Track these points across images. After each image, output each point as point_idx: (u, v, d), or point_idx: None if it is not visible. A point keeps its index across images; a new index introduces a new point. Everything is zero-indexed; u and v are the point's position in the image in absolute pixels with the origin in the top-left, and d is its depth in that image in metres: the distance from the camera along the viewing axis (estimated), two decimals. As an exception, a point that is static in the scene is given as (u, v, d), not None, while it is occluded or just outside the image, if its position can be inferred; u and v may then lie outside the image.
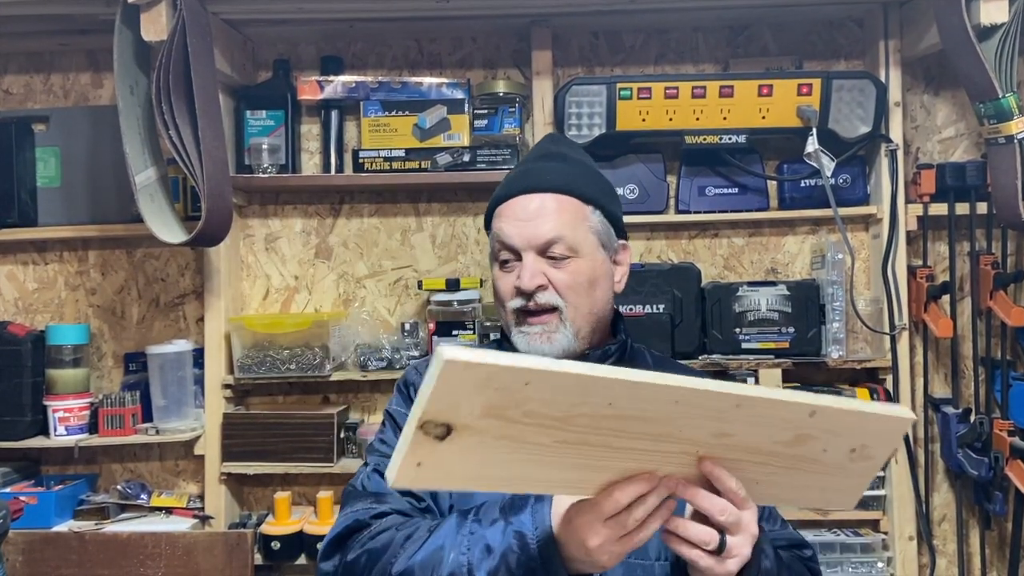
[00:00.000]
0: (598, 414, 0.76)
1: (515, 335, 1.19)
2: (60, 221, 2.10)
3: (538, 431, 0.76)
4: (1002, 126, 1.72)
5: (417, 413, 0.71)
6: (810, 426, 0.85)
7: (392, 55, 2.19)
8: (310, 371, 2.00)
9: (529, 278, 1.16)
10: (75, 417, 2.01)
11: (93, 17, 1.91)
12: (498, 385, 0.72)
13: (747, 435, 0.84)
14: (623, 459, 0.83)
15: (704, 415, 0.81)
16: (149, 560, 1.91)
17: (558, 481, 0.84)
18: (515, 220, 1.19)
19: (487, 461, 0.77)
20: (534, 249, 1.18)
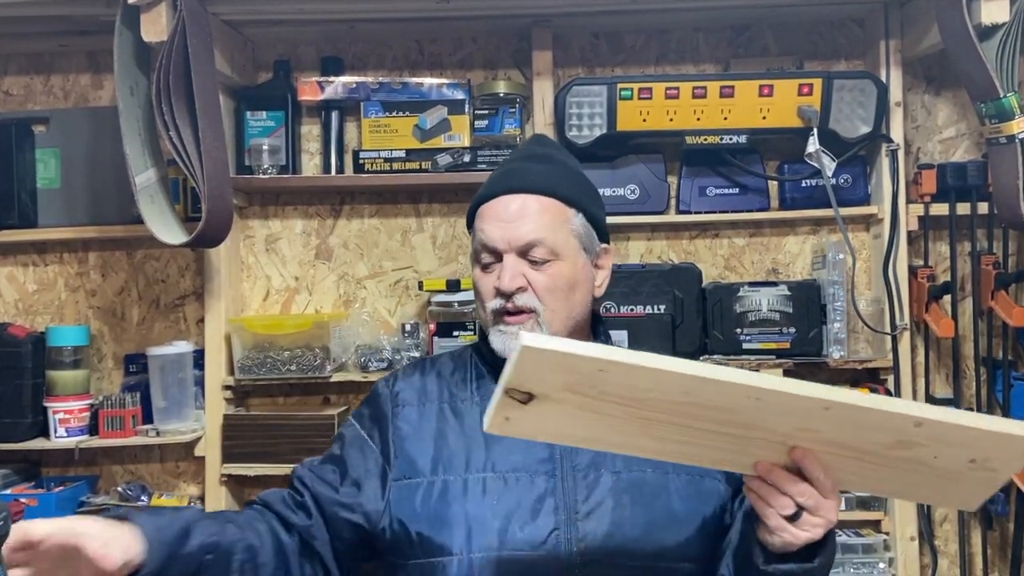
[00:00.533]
0: (674, 400, 0.82)
1: (492, 334, 1.20)
2: (60, 222, 2.10)
3: (615, 407, 0.83)
4: (1003, 126, 1.71)
5: (502, 381, 0.82)
6: (915, 434, 0.85)
7: (392, 56, 2.19)
8: (311, 372, 1.99)
9: (509, 280, 1.17)
10: (75, 419, 2.01)
11: (93, 18, 1.91)
12: (573, 368, 0.80)
13: (837, 433, 0.86)
14: (709, 440, 0.87)
15: (788, 412, 0.83)
16: (150, 562, 1.90)
17: (634, 446, 0.91)
18: (496, 221, 1.19)
19: (568, 423, 0.86)
20: (515, 251, 1.18)
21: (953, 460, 0.88)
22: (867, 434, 0.86)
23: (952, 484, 0.92)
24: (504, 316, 1.19)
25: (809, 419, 0.83)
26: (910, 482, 0.93)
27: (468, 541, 1.11)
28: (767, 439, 0.87)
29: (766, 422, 0.84)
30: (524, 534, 1.11)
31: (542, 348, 0.78)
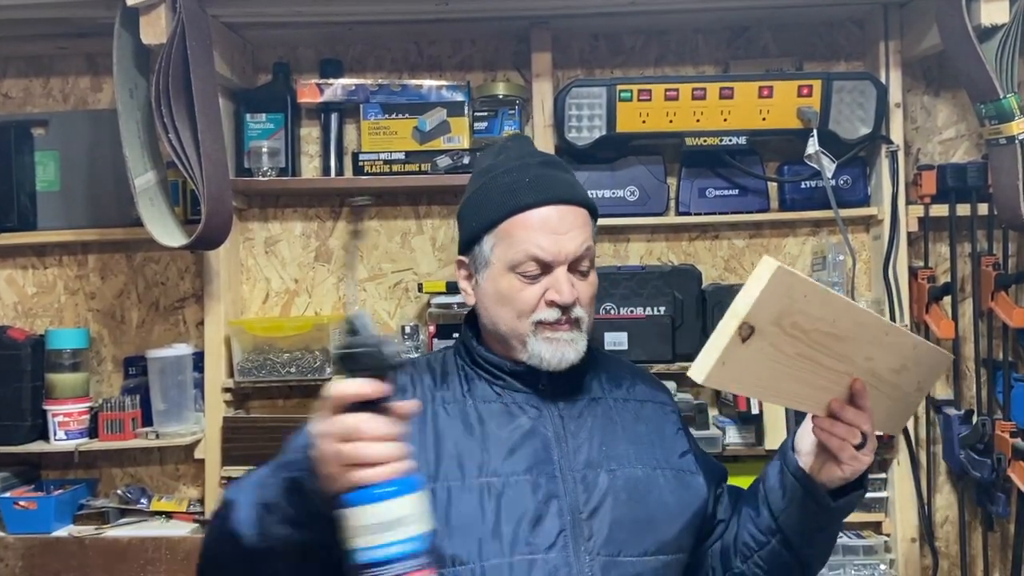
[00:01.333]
0: (824, 331, 1.00)
1: (535, 343, 1.18)
2: (59, 225, 2.09)
3: (791, 342, 0.97)
4: (1003, 127, 1.71)
5: (740, 314, 0.91)
6: (909, 358, 1.14)
7: (392, 58, 2.19)
8: (310, 374, 1.99)
9: (570, 293, 1.16)
10: (75, 421, 2.01)
11: (92, 20, 1.91)
12: (790, 293, 0.94)
13: (880, 359, 1.10)
14: (818, 375, 1.04)
15: (867, 339, 1.06)
16: (149, 565, 1.90)
17: (789, 394, 1.05)
18: (549, 232, 1.17)
19: (758, 366, 0.96)
20: (566, 263, 1.17)
21: (911, 383, 1.18)
22: (893, 359, 1.12)
23: (898, 407, 1.19)
24: (550, 326, 1.18)
25: (874, 344, 1.07)
26: (886, 409, 1.16)
27: (479, 550, 1.10)
28: (846, 372, 1.07)
29: (854, 352, 1.05)
30: (534, 538, 1.10)
31: (789, 269, 0.93)
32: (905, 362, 1.14)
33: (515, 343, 1.20)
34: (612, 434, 1.22)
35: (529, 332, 1.18)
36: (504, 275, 1.19)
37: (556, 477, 1.15)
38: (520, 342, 1.19)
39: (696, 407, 2.00)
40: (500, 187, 1.21)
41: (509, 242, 1.18)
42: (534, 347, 1.18)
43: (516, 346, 1.20)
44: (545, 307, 1.17)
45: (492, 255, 1.20)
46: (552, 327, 1.18)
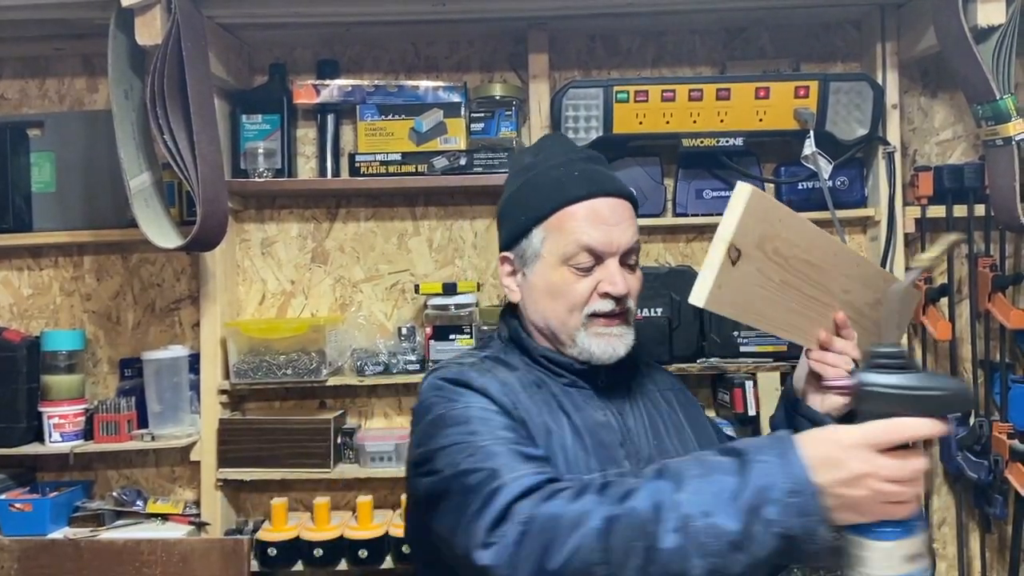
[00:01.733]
0: (801, 258, 1.10)
1: (585, 338, 1.18)
2: (55, 226, 2.09)
3: (775, 268, 1.08)
4: (1000, 128, 1.71)
5: (727, 238, 1.01)
6: (882, 292, 1.24)
7: (388, 59, 2.18)
8: (306, 376, 1.99)
9: (624, 283, 1.17)
10: (70, 423, 2.00)
11: (88, 21, 1.90)
12: (766, 217, 1.04)
13: (857, 293, 1.20)
14: (804, 305, 1.14)
15: (842, 270, 1.17)
16: (145, 567, 1.90)
17: (782, 323, 1.14)
18: (602, 224, 1.18)
19: (749, 291, 1.06)
20: (618, 254, 1.18)
21: (891, 320, 1.25)
22: (867, 293, 1.22)
23: (872, 339, 1.24)
24: (600, 319, 1.18)
25: (849, 278, 1.19)
26: (866, 343, 1.19)
27: None
28: (828, 304, 1.17)
29: (831, 282, 1.16)
30: None
31: (761, 192, 1.02)
32: (878, 296, 1.24)
33: (564, 338, 1.20)
34: (658, 429, 1.24)
35: (580, 326, 1.18)
36: (556, 268, 1.19)
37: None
38: (569, 337, 1.19)
39: (693, 409, 2.00)
40: (548, 181, 1.22)
41: (561, 234, 1.18)
42: (583, 342, 1.18)
43: (565, 341, 1.20)
44: (598, 299, 1.18)
45: (543, 248, 1.20)
46: (605, 321, 1.18)
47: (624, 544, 0.88)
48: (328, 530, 1.98)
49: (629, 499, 0.90)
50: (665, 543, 0.86)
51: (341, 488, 2.15)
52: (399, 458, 2.00)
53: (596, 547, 0.88)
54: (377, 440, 2.02)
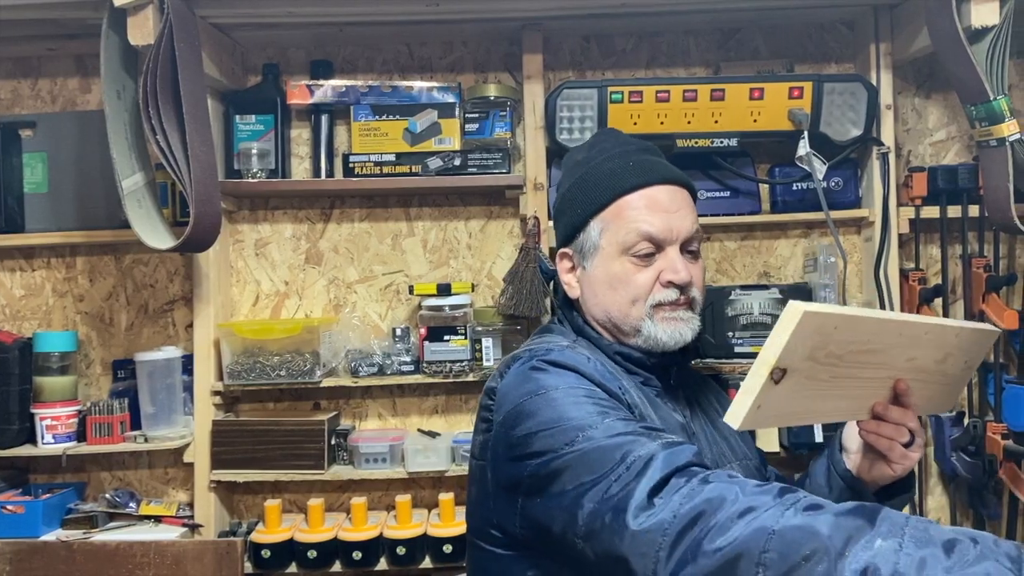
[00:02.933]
0: (861, 350, 0.98)
1: (651, 325, 1.16)
2: (47, 227, 2.08)
3: (826, 369, 0.95)
4: (993, 128, 1.71)
5: (770, 362, 0.88)
6: (952, 346, 1.13)
7: (382, 59, 2.18)
8: (300, 377, 1.98)
9: (687, 271, 1.16)
10: (63, 425, 1.99)
11: (81, 21, 1.89)
12: (820, 330, 0.91)
13: (923, 356, 1.09)
14: (859, 387, 1.04)
15: (907, 343, 1.05)
16: (138, 569, 1.88)
17: (832, 411, 1.05)
18: (661, 211, 1.17)
19: (795, 400, 0.95)
20: (679, 241, 1.17)
21: (957, 365, 1.17)
22: (934, 352, 1.10)
23: (948, 388, 1.19)
24: (666, 306, 1.17)
25: (915, 347, 1.06)
26: (935, 394, 1.17)
27: None
28: (888, 376, 1.07)
29: (894, 358, 1.05)
30: None
31: (817, 312, 0.89)
32: (949, 350, 1.13)
33: (627, 329, 1.19)
34: (714, 427, 1.24)
35: (644, 316, 1.17)
36: (616, 259, 1.18)
37: None
38: (633, 328, 1.18)
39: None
40: (603, 173, 1.21)
41: (619, 223, 1.18)
42: (649, 330, 1.17)
43: (628, 332, 1.19)
44: (662, 288, 1.17)
45: (602, 239, 1.19)
46: (671, 306, 1.17)
47: (797, 557, 0.77)
48: (322, 532, 1.97)
49: (817, 517, 0.80)
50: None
51: (335, 490, 2.15)
52: (393, 459, 2.00)
53: (762, 547, 0.78)
54: (371, 441, 2.01)
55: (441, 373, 1.98)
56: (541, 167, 2.02)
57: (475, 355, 2.00)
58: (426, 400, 2.16)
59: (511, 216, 2.15)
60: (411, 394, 2.16)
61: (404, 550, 1.94)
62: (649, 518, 0.86)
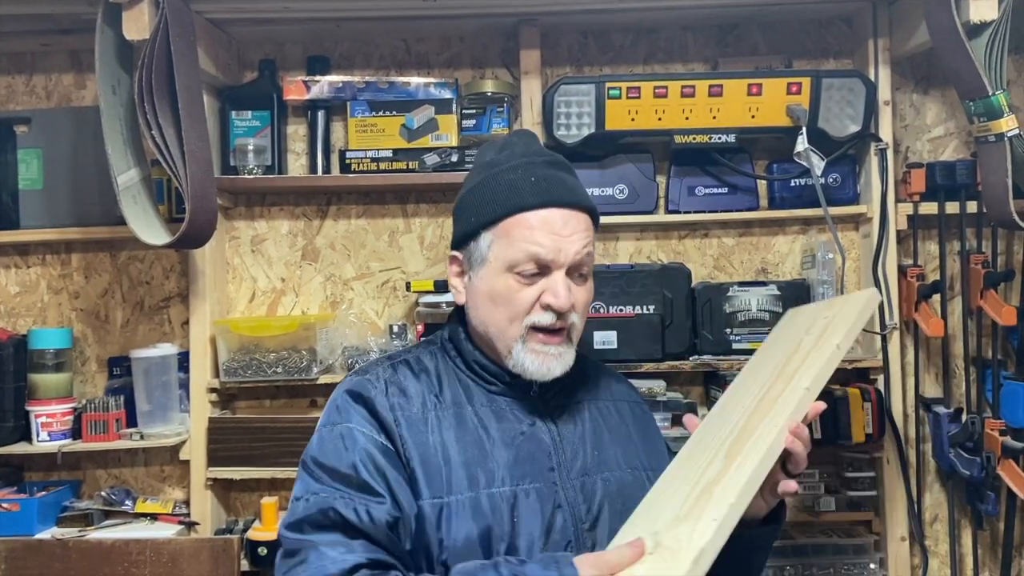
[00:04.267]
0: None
1: (521, 352, 1.15)
2: (42, 224, 2.07)
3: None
4: (992, 124, 1.71)
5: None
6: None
7: (379, 55, 2.17)
8: (297, 374, 1.97)
9: (567, 297, 1.13)
10: (58, 422, 1.98)
11: (75, 16, 1.89)
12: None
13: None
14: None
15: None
16: (134, 567, 1.88)
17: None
18: (551, 233, 1.14)
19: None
20: (566, 265, 1.15)
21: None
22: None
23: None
24: (539, 334, 1.15)
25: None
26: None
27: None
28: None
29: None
30: (547, 550, 1.08)
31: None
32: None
33: (501, 347, 1.17)
34: (601, 439, 1.20)
35: (518, 338, 1.15)
36: (501, 274, 1.16)
37: (557, 485, 1.13)
38: (507, 348, 1.16)
39: (686, 405, 1.99)
40: (503, 184, 1.18)
41: (509, 240, 1.15)
42: (519, 356, 1.15)
43: (502, 351, 1.17)
44: (540, 310, 1.15)
45: (490, 253, 1.17)
46: (544, 338, 1.15)
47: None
48: (319, 529, 1.96)
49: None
50: None
51: (332, 487, 2.13)
52: (390, 456, 1.99)
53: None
54: (368, 438, 2.00)
55: (438, 370, 1.97)
56: (538, 163, 2.01)
57: (472, 352, 1.99)
58: (423, 397, 2.15)
59: (508, 212, 2.14)
60: (408, 391, 2.15)
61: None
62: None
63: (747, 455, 1.00)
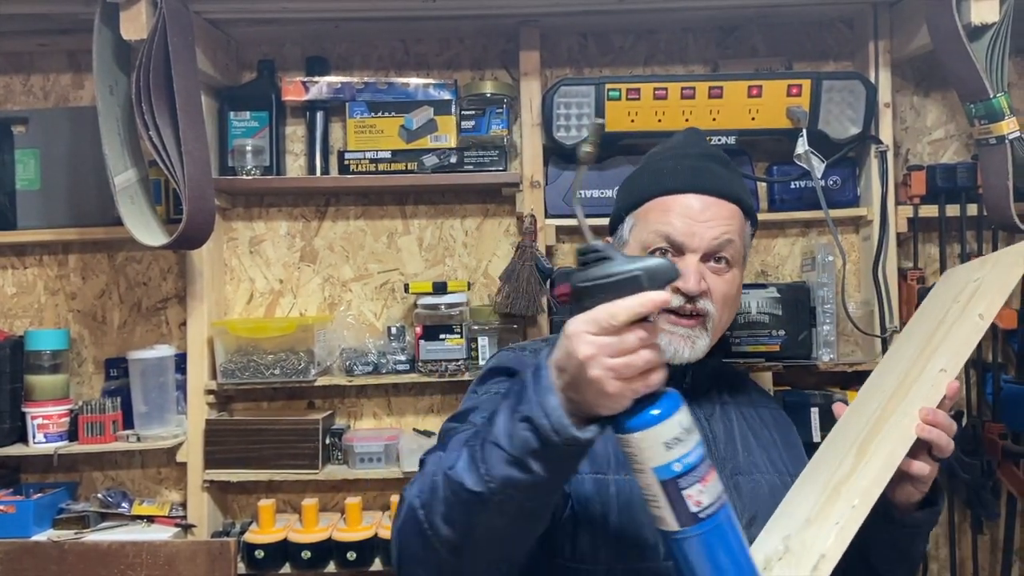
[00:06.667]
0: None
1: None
2: (40, 224, 2.06)
3: None
4: (993, 126, 1.70)
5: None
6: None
7: (378, 56, 2.16)
8: (295, 376, 1.96)
9: (697, 281, 1.13)
10: (54, 424, 1.97)
11: (73, 16, 1.88)
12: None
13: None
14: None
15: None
16: (130, 570, 1.87)
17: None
18: (687, 217, 1.15)
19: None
20: (702, 251, 1.15)
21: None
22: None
23: None
24: (671, 316, 1.14)
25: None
26: None
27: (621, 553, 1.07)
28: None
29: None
30: None
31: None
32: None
33: None
34: (749, 441, 1.20)
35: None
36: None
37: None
38: None
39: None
40: (652, 172, 1.22)
41: (646, 222, 1.18)
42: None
43: None
44: (672, 293, 1.14)
45: (629, 236, 1.20)
46: (675, 319, 1.14)
47: (432, 482, 0.92)
48: (316, 532, 1.96)
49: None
50: (448, 469, 0.89)
51: (329, 489, 2.13)
52: (388, 459, 1.98)
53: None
54: (366, 441, 2.00)
55: (436, 372, 1.97)
56: (538, 165, 2.01)
57: (471, 354, 1.99)
58: (421, 399, 2.15)
59: (507, 214, 2.14)
60: (406, 393, 2.14)
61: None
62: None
63: (875, 451, 0.97)
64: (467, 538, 0.89)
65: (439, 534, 0.90)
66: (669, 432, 0.83)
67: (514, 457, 0.83)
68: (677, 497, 0.83)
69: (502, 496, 0.85)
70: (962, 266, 1.25)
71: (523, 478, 0.84)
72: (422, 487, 0.93)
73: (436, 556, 0.91)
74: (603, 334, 0.80)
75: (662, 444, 0.83)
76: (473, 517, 0.87)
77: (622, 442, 0.85)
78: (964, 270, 1.20)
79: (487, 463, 0.85)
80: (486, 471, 0.85)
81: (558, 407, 0.82)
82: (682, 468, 0.83)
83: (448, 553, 0.90)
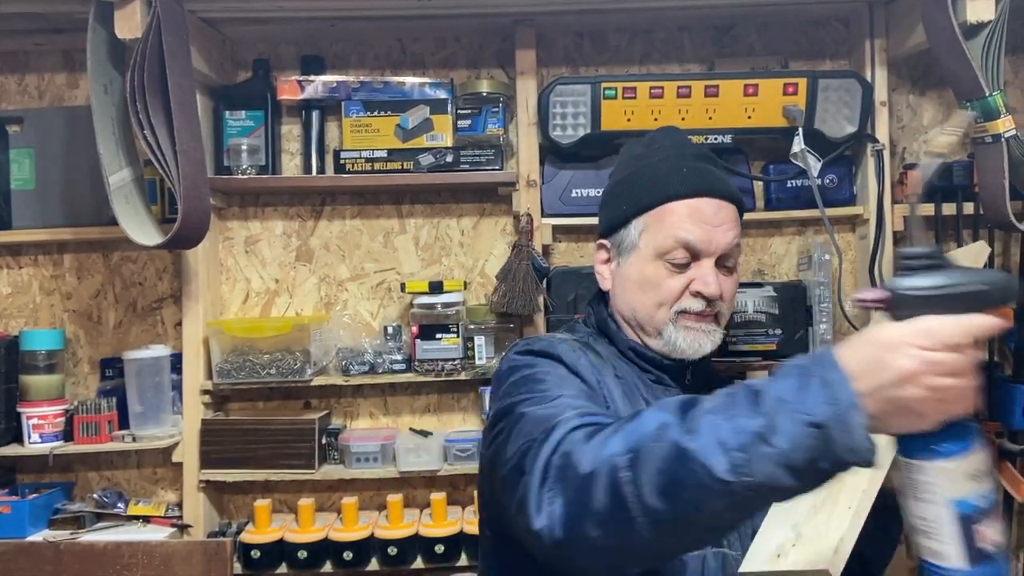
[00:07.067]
0: None
1: (673, 331, 1.20)
2: (34, 224, 2.05)
3: None
4: (989, 125, 1.70)
5: None
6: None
7: (374, 55, 2.16)
8: (291, 376, 1.96)
9: (717, 285, 1.18)
10: (50, 424, 1.97)
11: (68, 15, 1.87)
12: None
13: None
14: None
15: None
16: (126, 570, 1.86)
17: None
18: (702, 222, 1.19)
19: None
20: (716, 255, 1.19)
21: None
22: None
23: None
24: (689, 315, 1.20)
25: None
26: None
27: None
28: None
29: None
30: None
31: None
32: None
33: (649, 330, 1.22)
34: None
35: (668, 321, 1.20)
36: (651, 261, 1.21)
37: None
38: (655, 330, 1.21)
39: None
40: (655, 174, 1.23)
41: (659, 227, 1.20)
42: (671, 335, 1.20)
43: (650, 333, 1.22)
44: (689, 297, 1.20)
45: (640, 240, 1.22)
46: (695, 317, 1.20)
47: (645, 446, 0.82)
48: (312, 532, 1.95)
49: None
50: (685, 443, 0.79)
51: (326, 489, 2.13)
52: (384, 459, 1.98)
53: (622, 451, 0.84)
54: (362, 441, 1.99)
55: (433, 372, 1.97)
56: (534, 164, 2.01)
57: (467, 353, 1.99)
58: (418, 399, 2.14)
59: (504, 213, 2.13)
60: (403, 393, 2.14)
61: (395, 550, 1.93)
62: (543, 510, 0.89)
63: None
64: (683, 518, 0.81)
65: (644, 502, 0.81)
66: (976, 464, 0.77)
67: (791, 462, 0.75)
68: (969, 533, 0.76)
69: (753, 492, 0.77)
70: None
71: (790, 484, 0.76)
72: (629, 445, 0.83)
73: (628, 520, 0.82)
74: (938, 350, 0.73)
75: (968, 475, 0.76)
76: (704, 501, 0.79)
77: (912, 467, 0.78)
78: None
79: (748, 454, 0.76)
80: (745, 463, 0.76)
81: (862, 426, 0.73)
82: (985, 504, 0.77)
83: (647, 521, 0.81)
